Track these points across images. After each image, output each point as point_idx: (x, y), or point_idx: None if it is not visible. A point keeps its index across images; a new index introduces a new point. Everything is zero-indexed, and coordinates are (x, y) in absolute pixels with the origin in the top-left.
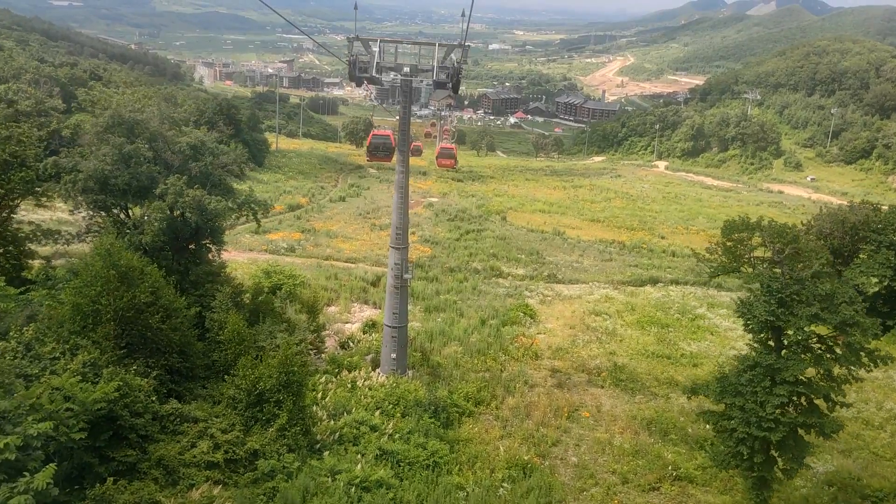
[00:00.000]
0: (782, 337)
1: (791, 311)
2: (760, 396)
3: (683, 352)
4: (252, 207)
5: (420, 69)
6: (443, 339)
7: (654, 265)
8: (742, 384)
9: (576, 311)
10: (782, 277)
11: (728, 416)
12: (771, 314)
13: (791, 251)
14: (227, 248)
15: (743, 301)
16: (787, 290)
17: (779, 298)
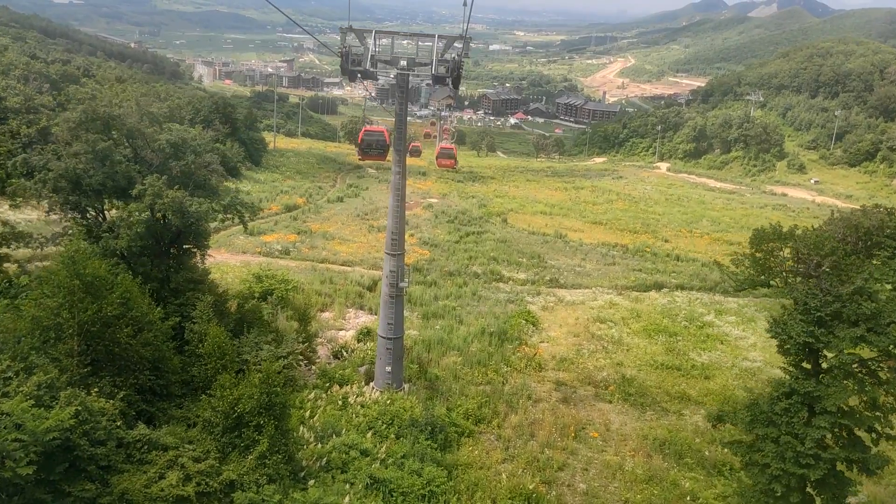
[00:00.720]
0: (820, 360)
1: (831, 332)
2: (797, 428)
3: (694, 363)
4: (238, 210)
5: (418, 63)
6: (441, 348)
7: (659, 269)
8: (776, 413)
9: (579, 317)
10: (820, 294)
11: (759, 449)
12: (809, 335)
13: (830, 264)
14: (221, 249)
15: (777, 320)
16: (826, 308)
17: (817, 317)
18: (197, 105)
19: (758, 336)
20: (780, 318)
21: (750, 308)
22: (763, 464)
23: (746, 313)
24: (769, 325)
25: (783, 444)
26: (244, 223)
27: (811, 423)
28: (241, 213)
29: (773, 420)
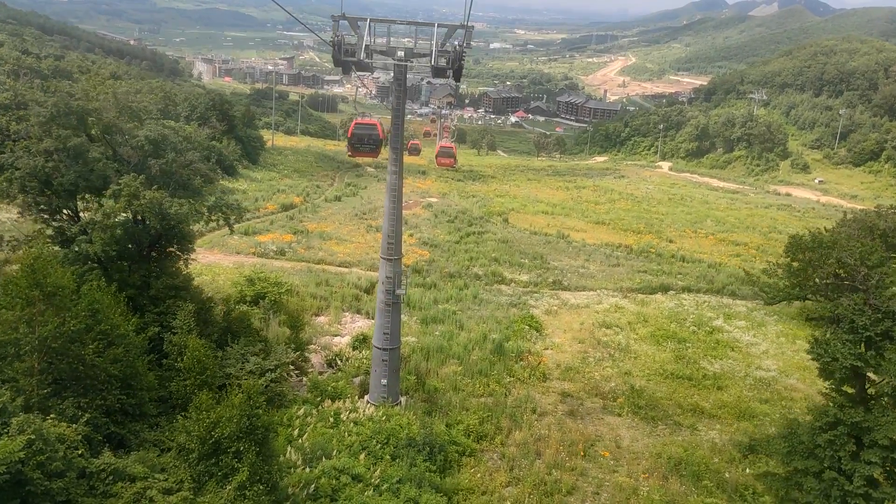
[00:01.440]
0: (866, 385)
1: (881, 354)
2: (844, 463)
3: (705, 372)
4: (223, 211)
5: (416, 53)
6: (441, 356)
7: (664, 271)
8: (818, 446)
9: (584, 322)
10: (868, 310)
11: (798, 484)
12: (857, 358)
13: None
14: (214, 249)
15: (819, 340)
16: (875, 326)
17: (865, 337)
18: (193, 102)
19: (769, 342)
20: (823, 337)
21: (759, 312)
22: (805, 502)
23: (756, 317)
24: (810, 345)
25: (827, 481)
26: (230, 226)
27: (859, 457)
28: (226, 214)
29: (815, 453)
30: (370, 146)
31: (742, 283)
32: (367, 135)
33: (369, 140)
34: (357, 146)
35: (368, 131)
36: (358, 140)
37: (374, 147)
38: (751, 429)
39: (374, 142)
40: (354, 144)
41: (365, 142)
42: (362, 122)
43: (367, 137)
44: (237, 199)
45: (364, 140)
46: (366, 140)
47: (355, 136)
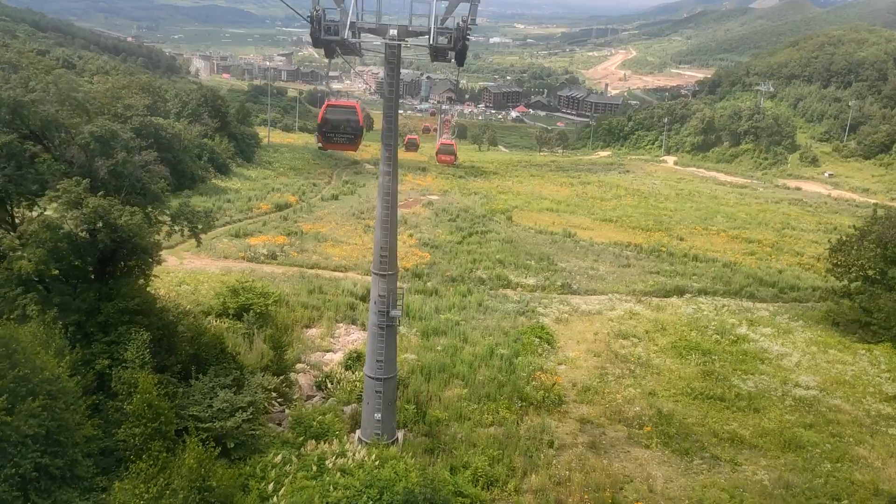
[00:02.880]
0: None
1: None
2: None
3: (738, 390)
4: (189, 220)
5: (412, 31)
6: (443, 377)
7: (678, 272)
8: None
9: (598, 332)
10: None
11: None
12: None
13: None
14: (200, 254)
15: None
16: None
17: None
18: (184, 98)
19: (800, 352)
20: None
21: (783, 316)
22: None
23: (781, 323)
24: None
25: None
26: (196, 237)
27: None
28: (192, 223)
29: None
30: (347, 136)
31: (761, 285)
32: (342, 121)
33: (346, 127)
34: (330, 135)
35: (345, 116)
36: (331, 127)
37: (353, 137)
38: (800, 462)
39: (352, 130)
40: (327, 133)
41: (340, 129)
42: (336, 105)
43: (343, 124)
44: (231, 195)
45: (339, 127)
46: (342, 127)
47: (328, 123)
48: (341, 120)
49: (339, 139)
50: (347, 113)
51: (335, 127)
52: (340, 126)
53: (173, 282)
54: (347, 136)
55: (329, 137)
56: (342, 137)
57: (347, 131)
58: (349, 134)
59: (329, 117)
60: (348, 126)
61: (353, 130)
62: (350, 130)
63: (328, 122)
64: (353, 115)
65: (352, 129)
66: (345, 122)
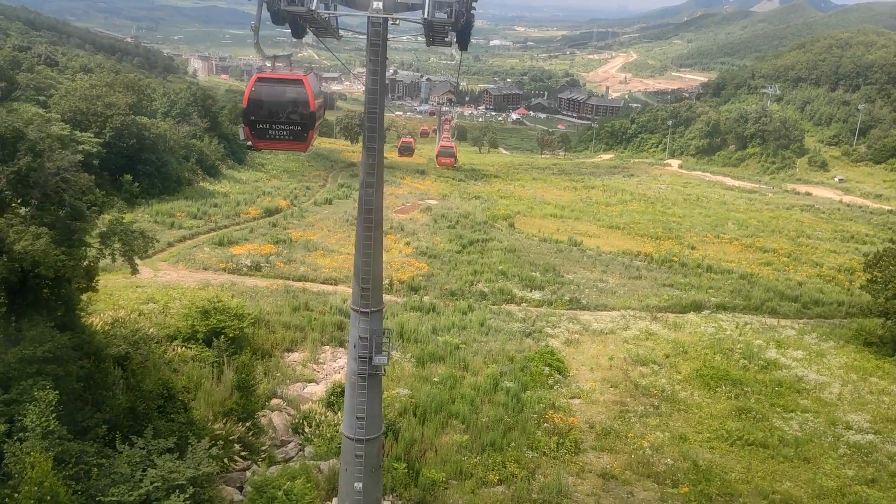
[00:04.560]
0: None
1: None
2: None
3: (781, 434)
4: (122, 241)
5: (402, 2)
6: (440, 418)
7: (692, 284)
8: None
9: (613, 356)
10: None
11: None
12: None
13: None
14: (178, 265)
15: None
16: None
17: None
18: (172, 97)
19: (839, 381)
20: None
21: (811, 335)
22: None
23: (811, 344)
24: None
25: None
26: (131, 262)
27: None
28: (128, 245)
29: None
30: (290, 127)
31: (782, 299)
32: (282, 103)
33: (288, 114)
34: (263, 127)
35: (285, 95)
36: (265, 113)
37: (299, 129)
38: None
39: (298, 118)
40: (258, 123)
41: (279, 117)
42: (272, 78)
43: (282, 109)
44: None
45: (277, 114)
46: (281, 114)
47: (259, 106)
48: (280, 102)
49: (277, 133)
50: (290, 90)
51: (272, 113)
52: (279, 112)
53: (140, 299)
54: (291, 129)
55: (262, 131)
56: (282, 130)
57: (291, 120)
58: (293, 124)
59: (260, 98)
60: (292, 112)
61: (299, 119)
62: (295, 119)
63: (259, 106)
64: (298, 93)
65: (298, 116)
66: (286, 105)
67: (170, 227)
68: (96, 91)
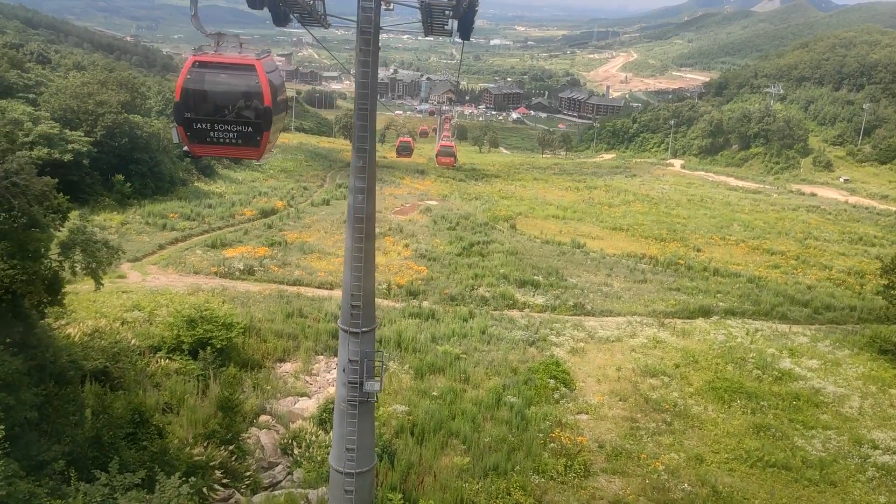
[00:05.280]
0: None
1: None
2: None
3: (804, 454)
4: (84, 252)
5: None
6: (439, 438)
7: (699, 288)
8: None
9: (621, 367)
10: None
11: None
12: None
13: None
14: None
15: None
16: None
17: None
18: (168, 95)
19: (859, 394)
20: None
21: (824, 342)
22: None
23: (825, 352)
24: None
25: None
26: (94, 275)
27: None
28: (92, 256)
29: None
30: (237, 126)
31: (793, 304)
32: (225, 95)
33: (233, 109)
34: (198, 124)
35: (229, 84)
36: (207, 108)
37: (251, 129)
38: None
39: (248, 114)
40: (191, 119)
41: (222, 113)
42: (212, 62)
43: (225, 103)
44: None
45: (219, 108)
46: (224, 109)
47: (192, 97)
48: (224, 94)
49: (221, 135)
50: (238, 79)
51: (214, 109)
52: (223, 107)
53: (125, 306)
54: (239, 130)
55: (200, 133)
56: (228, 132)
57: (240, 118)
58: (243, 124)
59: (198, 88)
60: (242, 107)
61: (251, 116)
62: (245, 117)
63: (197, 99)
64: (249, 82)
65: (249, 112)
66: (232, 97)
67: (162, 228)
68: (88, 89)
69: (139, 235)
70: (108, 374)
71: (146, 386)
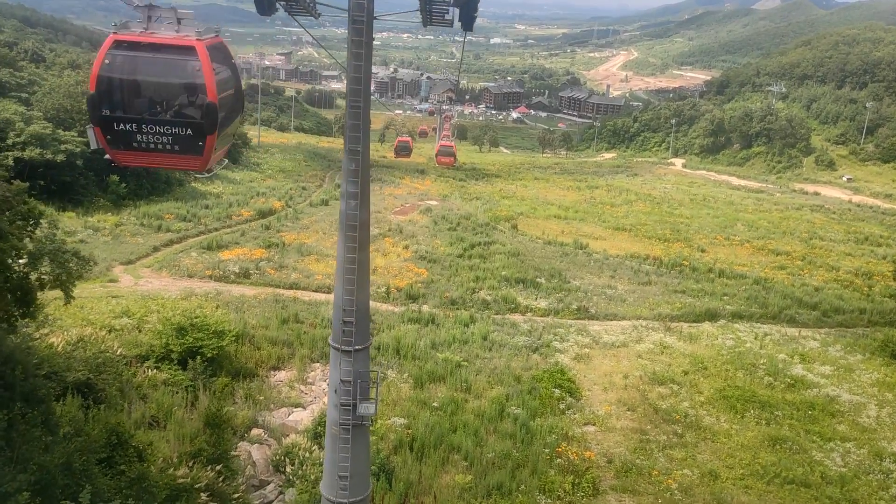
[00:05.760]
0: None
1: None
2: None
3: (823, 469)
4: (53, 261)
5: None
6: (440, 454)
7: (705, 290)
8: None
9: (628, 374)
10: None
11: None
12: None
13: None
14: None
15: None
16: None
17: None
18: None
19: (875, 402)
20: None
21: (835, 346)
22: None
23: (837, 357)
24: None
25: None
26: (64, 288)
27: None
28: (62, 267)
29: None
30: (171, 127)
31: (801, 306)
32: (155, 86)
33: (166, 104)
34: (119, 124)
35: (160, 71)
36: (130, 103)
37: (190, 132)
38: None
39: (188, 111)
40: (110, 118)
41: (151, 109)
42: (137, 42)
43: (156, 96)
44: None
45: (147, 103)
46: (154, 104)
47: (110, 88)
48: (154, 84)
49: (149, 139)
50: (172, 64)
51: (141, 104)
52: (153, 101)
53: (114, 312)
54: (175, 134)
55: (123, 135)
56: (160, 136)
57: (178, 117)
58: (179, 124)
59: (118, 76)
60: (178, 102)
61: (191, 115)
62: (184, 115)
63: (118, 90)
64: (186, 69)
65: (188, 109)
66: (165, 89)
67: (157, 230)
68: (82, 88)
69: (133, 237)
70: (91, 387)
71: (132, 398)
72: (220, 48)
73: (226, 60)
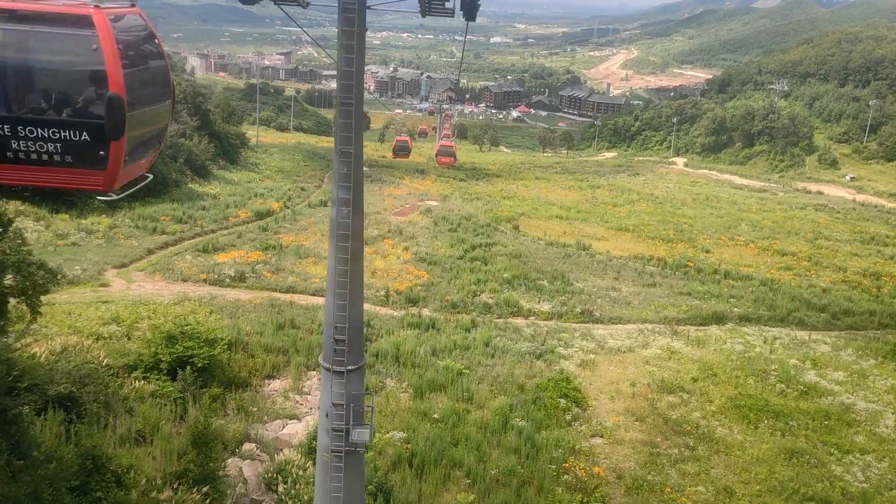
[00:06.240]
0: None
1: None
2: None
3: (843, 485)
4: (18, 273)
5: None
6: (441, 471)
7: (711, 293)
8: None
9: (635, 381)
10: None
11: None
12: None
13: None
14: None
15: None
16: None
17: None
18: None
19: (892, 410)
20: None
21: (846, 350)
22: None
23: (849, 362)
24: None
25: None
26: (30, 302)
27: None
28: (29, 280)
29: None
30: (61, 130)
31: (809, 308)
32: (36, 73)
33: (52, 98)
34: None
35: (45, 53)
36: (11, 94)
37: (88, 138)
38: None
39: (82, 108)
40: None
41: (33, 106)
42: (13, 11)
43: (38, 86)
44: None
45: (27, 97)
46: (36, 98)
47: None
48: (36, 70)
49: (31, 147)
50: (59, 41)
51: (19, 98)
52: (35, 95)
53: (103, 318)
54: (65, 139)
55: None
56: (46, 143)
57: (70, 117)
58: (70, 127)
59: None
60: (69, 95)
61: (87, 113)
62: (78, 114)
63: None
64: (78, 49)
65: (82, 105)
66: (50, 76)
67: (152, 232)
68: None
69: (127, 240)
70: (74, 401)
71: (118, 412)
72: (133, 22)
73: (144, 40)
